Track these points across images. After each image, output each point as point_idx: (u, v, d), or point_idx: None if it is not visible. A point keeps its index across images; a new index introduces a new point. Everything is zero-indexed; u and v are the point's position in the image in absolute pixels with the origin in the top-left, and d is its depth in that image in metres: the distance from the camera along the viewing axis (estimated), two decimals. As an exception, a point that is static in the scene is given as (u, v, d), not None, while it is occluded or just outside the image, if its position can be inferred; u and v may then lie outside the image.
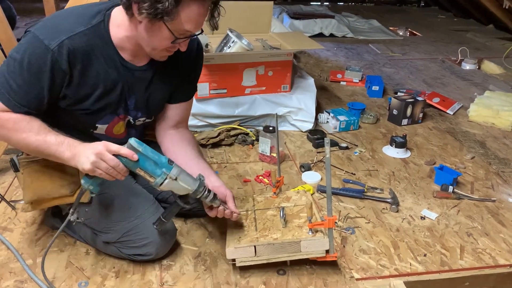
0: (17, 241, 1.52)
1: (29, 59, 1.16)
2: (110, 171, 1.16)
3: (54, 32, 1.17)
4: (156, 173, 1.18)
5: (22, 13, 4.81)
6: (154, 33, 1.18)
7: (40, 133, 1.19)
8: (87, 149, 1.15)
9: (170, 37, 1.19)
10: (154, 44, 1.22)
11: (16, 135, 1.19)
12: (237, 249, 1.36)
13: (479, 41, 4.79)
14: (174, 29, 1.17)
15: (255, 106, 2.40)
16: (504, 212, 1.81)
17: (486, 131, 2.61)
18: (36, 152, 1.23)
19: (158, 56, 1.29)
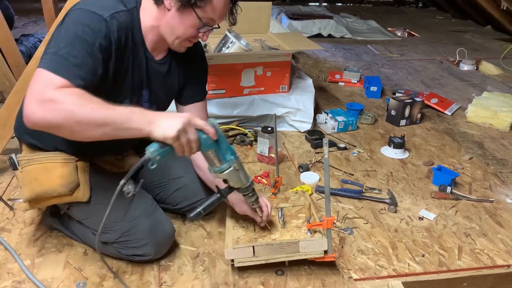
0: (15, 241, 1.51)
1: (84, 29, 1.14)
2: (188, 145, 1.13)
3: (102, 7, 1.19)
4: (226, 158, 1.20)
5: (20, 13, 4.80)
6: (181, 20, 1.24)
7: (106, 105, 1.09)
8: (172, 117, 1.12)
9: (197, 24, 1.25)
10: (179, 32, 1.27)
11: (81, 109, 1.06)
12: (236, 250, 1.36)
13: (477, 42, 4.80)
14: (202, 16, 1.24)
15: (254, 107, 2.40)
16: (502, 213, 1.81)
17: (484, 131, 2.62)
18: (103, 127, 1.08)
19: (179, 47, 1.33)
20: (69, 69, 1.11)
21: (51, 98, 1.05)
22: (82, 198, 1.36)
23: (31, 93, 1.07)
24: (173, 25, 1.26)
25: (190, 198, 1.59)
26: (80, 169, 1.38)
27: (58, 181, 1.34)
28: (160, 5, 1.25)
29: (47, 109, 1.05)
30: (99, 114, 1.07)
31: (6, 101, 1.87)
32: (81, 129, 1.08)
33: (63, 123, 1.05)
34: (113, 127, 1.09)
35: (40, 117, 1.05)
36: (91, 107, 1.07)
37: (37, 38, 3.27)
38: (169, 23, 1.26)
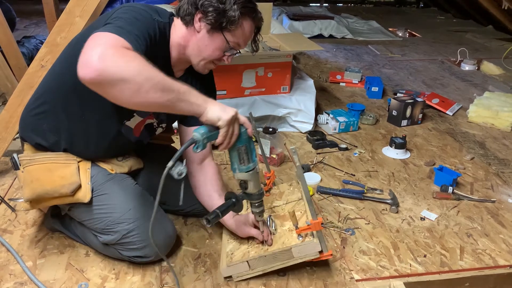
0: (17, 243, 1.52)
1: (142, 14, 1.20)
2: (231, 134, 1.18)
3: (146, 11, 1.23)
4: (253, 158, 1.25)
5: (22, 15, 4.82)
6: (210, 42, 1.30)
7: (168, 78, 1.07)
8: (223, 107, 1.16)
9: (224, 47, 1.31)
10: (206, 54, 1.32)
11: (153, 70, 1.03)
12: (230, 267, 1.36)
13: (478, 42, 4.79)
14: (230, 40, 1.30)
15: (255, 107, 2.40)
16: (504, 213, 1.81)
17: (486, 131, 2.61)
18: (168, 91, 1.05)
19: (203, 68, 1.37)
20: (132, 38, 1.10)
21: (120, 51, 1.00)
22: (84, 199, 1.36)
23: (95, 44, 1.00)
24: (201, 46, 1.31)
25: (191, 200, 1.59)
26: (82, 169, 1.38)
27: (59, 181, 1.34)
28: (190, 26, 1.30)
29: (116, 59, 0.97)
30: (167, 79, 1.06)
31: (8, 103, 1.87)
32: (148, 88, 1.01)
33: (132, 77, 0.98)
34: (176, 96, 1.07)
35: (108, 66, 0.96)
36: (158, 71, 1.04)
37: (39, 40, 3.28)
38: (197, 44, 1.30)
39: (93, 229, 1.42)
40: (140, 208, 1.41)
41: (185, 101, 1.09)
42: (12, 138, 1.90)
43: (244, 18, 1.29)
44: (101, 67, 0.95)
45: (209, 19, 1.26)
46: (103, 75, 0.96)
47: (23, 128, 1.41)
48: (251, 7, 1.31)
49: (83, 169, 1.39)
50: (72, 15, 1.81)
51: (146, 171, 1.60)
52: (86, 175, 1.38)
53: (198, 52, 1.32)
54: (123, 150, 1.52)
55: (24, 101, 1.83)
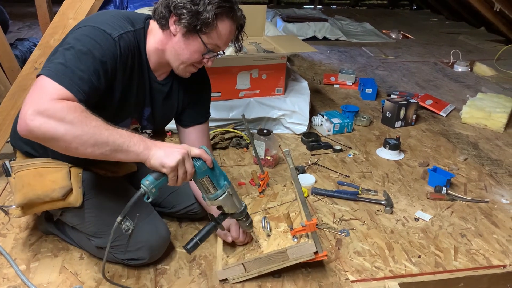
0: (11, 246, 1.51)
1: (94, 45, 1.13)
2: (183, 175, 1.13)
3: (111, 26, 1.19)
4: (220, 184, 1.20)
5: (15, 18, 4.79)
6: (187, 45, 1.25)
7: (106, 124, 1.08)
8: (171, 147, 1.12)
9: (202, 50, 1.26)
10: (184, 58, 1.27)
11: (83, 125, 1.03)
12: (226, 270, 1.36)
13: (471, 44, 4.83)
14: (207, 42, 1.24)
15: (249, 109, 2.40)
16: (497, 213, 1.82)
17: (479, 132, 2.63)
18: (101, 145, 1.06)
19: (183, 72, 1.33)
20: (74, 82, 1.08)
21: (52, 109, 1.01)
22: (75, 203, 1.35)
23: (31, 100, 1.03)
24: (178, 50, 1.26)
25: (185, 201, 1.59)
26: (73, 174, 1.37)
27: (50, 185, 1.33)
28: (165, 29, 1.26)
29: (46, 119, 1.00)
30: (100, 132, 1.05)
31: (1, 106, 1.86)
32: (78, 145, 1.04)
33: (61, 137, 1.02)
34: (111, 148, 1.07)
35: (37, 126, 1.00)
36: (93, 124, 1.05)
37: (32, 43, 3.26)
38: (174, 48, 1.26)
39: (86, 233, 1.41)
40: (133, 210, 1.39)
41: (123, 151, 1.08)
42: (5, 141, 1.89)
43: (220, 18, 1.22)
44: (30, 129, 1.00)
45: (183, 22, 1.20)
46: (34, 134, 1.02)
47: (13, 136, 1.41)
48: (228, 6, 1.22)
49: (75, 173, 1.38)
50: (65, 17, 1.80)
51: (139, 173, 1.60)
52: (77, 179, 1.37)
53: (176, 56, 1.28)
54: None
55: (17, 104, 1.82)
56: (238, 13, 1.27)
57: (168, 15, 1.22)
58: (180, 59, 1.28)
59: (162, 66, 1.34)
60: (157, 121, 1.46)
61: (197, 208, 1.61)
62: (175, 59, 1.29)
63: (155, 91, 1.37)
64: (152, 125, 1.45)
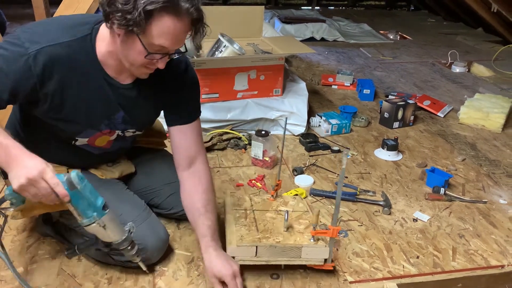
0: (8, 248, 1.50)
1: (4, 56, 1.10)
2: (38, 198, 1.04)
3: (38, 37, 1.13)
4: (87, 214, 1.11)
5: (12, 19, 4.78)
6: (128, 46, 1.14)
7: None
8: (21, 168, 1.01)
9: (143, 52, 1.13)
10: (130, 59, 1.17)
11: None
12: (239, 248, 1.35)
13: (468, 44, 4.84)
14: (146, 43, 1.12)
15: (247, 110, 2.40)
16: (495, 213, 1.82)
17: (477, 133, 2.63)
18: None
19: (137, 73, 1.24)
20: None
21: None
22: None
23: None
24: (124, 51, 1.16)
25: (184, 203, 1.59)
26: None
27: None
28: (111, 30, 1.15)
29: None
30: None
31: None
32: None
33: None
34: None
35: None
36: None
37: (29, 44, 3.25)
38: (120, 49, 1.17)
39: (84, 235, 1.41)
40: (131, 212, 1.39)
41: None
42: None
43: (156, 16, 1.07)
44: None
45: (115, 22, 1.09)
46: None
47: None
48: (164, 1, 1.05)
49: None
50: (63, 18, 1.80)
51: (138, 176, 1.60)
52: None
53: (124, 58, 1.18)
54: (112, 157, 1.51)
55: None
56: (185, 6, 1.08)
57: (107, 13, 1.10)
58: (127, 60, 1.18)
59: (123, 68, 1.24)
60: (136, 123, 1.40)
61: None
62: (124, 60, 1.19)
63: (122, 96, 1.29)
64: (131, 126, 1.39)
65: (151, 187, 1.58)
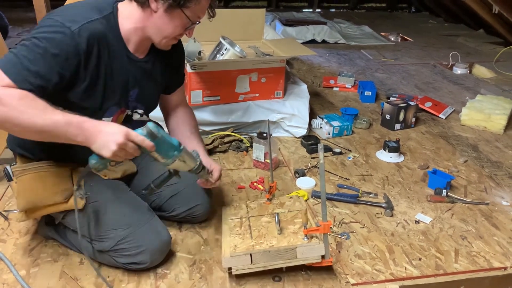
0: (10, 251, 1.50)
1: (48, 39, 1.15)
2: (127, 156, 1.16)
3: (73, 17, 1.21)
4: (169, 155, 1.25)
5: (14, 23, 4.80)
6: (169, 20, 1.29)
7: (46, 111, 1.10)
8: (105, 136, 1.11)
9: (185, 24, 1.31)
10: (167, 32, 1.32)
11: (20, 114, 1.07)
12: (233, 258, 1.35)
13: (469, 46, 4.83)
14: (190, 16, 1.30)
15: (249, 113, 2.40)
16: (498, 215, 1.82)
17: (478, 134, 2.63)
18: (41, 134, 1.12)
19: (165, 45, 1.37)
20: (20, 72, 1.11)
21: (7, 87, 1.07)
22: (77, 205, 1.35)
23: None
24: (161, 26, 1.30)
25: (186, 204, 1.59)
26: (75, 177, 1.38)
27: (52, 189, 1.33)
28: (145, 7, 1.28)
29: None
30: (36, 121, 1.08)
31: None
32: (19, 131, 1.12)
33: (2, 122, 1.08)
34: (50, 135, 1.12)
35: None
36: (31, 113, 1.08)
37: (31, 48, 3.26)
38: (156, 24, 1.30)
39: (87, 236, 1.41)
40: (134, 214, 1.40)
41: (63, 138, 1.13)
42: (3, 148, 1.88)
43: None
44: None
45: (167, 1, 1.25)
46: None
47: (10, 141, 1.42)
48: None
49: (77, 176, 1.38)
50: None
51: (140, 176, 1.60)
52: None
53: (158, 31, 1.32)
54: None
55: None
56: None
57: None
58: (163, 34, 1.32)
59: (143, 44, 1.38)
60: (149, 99, 1.49)
61: (198, 211, 1.61)
62: (158, 34, 1.33)
63: (139, 71, 1.40)
64: (141, 104, 1.47)
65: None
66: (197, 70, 2.25)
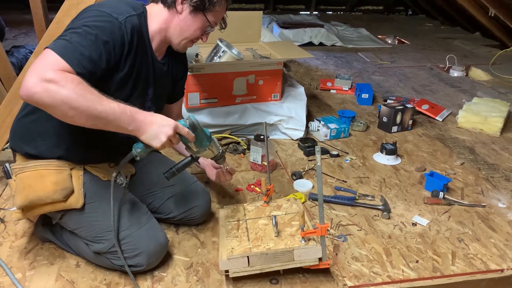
0: (6, 254, 1.50)
1: (98, 27, 1.20)
2: (170, 145, 1.24)
3: (117, 10, 1.26)
4: (203, 145, 1.35)
5: (11, 25, 4.79)
6: (192, 22, 1.38)
7: (103, 98, 1.14)
8: (156, 128, 1.19)
9: (205, 27, 1.41)
10: (187, 34, 1.41)
11: (80, 98, 1.09)
12: (230, 260, 1.35)
13: (466, 49, 4.85)
14: (210, 19, 1.40)
15: (246, 115, 2.40)
16: (494, 217, 1.82)
17: (475, 137, 2.64)
18: (96, 120, 1.14)
19: (183, 47, 1.46)
20: (75, 56, 1.14)
21: (52, 79, 1.07)
22: (76, 204, 1.35)
23: (35, 69, 1.09)
24: (183, 27, 1.39)
25: (183, 207, 1.59)
26: (74, 176, 1.38)
27: (51, 187, 1.33)
28: (171, 8, 1.37)
29: (46, 88, 1.07)
30: (95, 106, 1.11)
31: (-3, 113, 1.85)
32: (73, 115, 1.12)
33: (58, 106, 1.09)
34: (104, 122, 1.15)
35: (37, 93, 1.07)
36: (89, 98, 1.11)
37: (28, 50, 3.26)
38: (179, 25, 1.38)
39: (84, 238, 1.41)
40: (132, 216, 1.40)
41: (115, 126, 1.17)
42: (1, 148, 1.88)
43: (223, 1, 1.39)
44: (31, 93, 1.07)
45: (194, 1, 1.34)
46: (33, 99, 1.09)
47: (13, 137, 1.41)
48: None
49: (76, 175, 1.38)
50: (61, 24, 1.80)
51: (138, 177, 1.60)
52: (78, 181, 1.38)
53: (179, 33, 1.40)
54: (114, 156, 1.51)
55: (13, 111, 1.82)
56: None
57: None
58: (183, 35, 1.41)
59: (163, 46, 1.44)
60: (158, 101, 1.52)
61: (195, 213, 1.61)
62: (179, 35, 1.40)
63: (158, 71, 1.45)
64: (154, 106, 1.50)
65: (149, 190, 1.59)
66: (195, 72, 2.25)
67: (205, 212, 1.64)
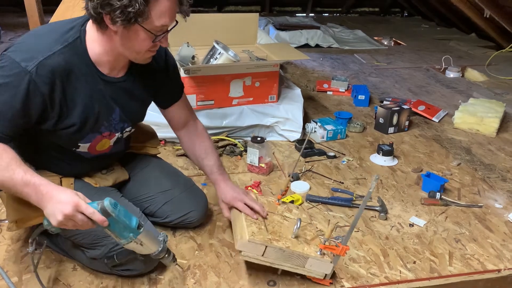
0: (2, 258, 1.49)
1: (5, 82, 1.12)
2: (77, 227, 1.11)
3: (31, 53, 1.15)
4: (124, 236, 1.16)
5: (7, 28, 4.78)
6: (131, 38, 1.19)
7: (8, 168, 1.10)
8: (55, 204, 1.08)
9: (149, 37, 1.20)
10: (136, 48, 1.23)
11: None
12: (250, 243, 1.32)
13: (462, 50, 4.87)
14: (151, 28, 1.18)
15: (243, 117, 2.40)
16: (491, 218, 1.83)
17: (471, 137, 2.64)
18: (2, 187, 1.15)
19: (142, 59, 1.29)
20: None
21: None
22: None
23: None
24: (127, 44, 1.21)
25: (179, 211, 1.58)
26: (65, 184, 1.36)
27: None
28: (106, 30, 1.20)
29: None
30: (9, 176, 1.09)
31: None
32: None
33: None
34: (6, 190, 1.15)
35: None
36: None
37: (24, 53, 3.24)
38: (123, 43, 1.21)
39: (80, 245, 1.40)
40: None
41: (19, 195, 1.13)
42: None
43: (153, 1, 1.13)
44: None
45: (116, 20, 1.13)
46: None
47: None
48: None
49: (66, 184, 1.37)
50: (57, 27, 1.80)
51: (131, 183, 1.59)
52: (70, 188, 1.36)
53: (127, 49, 1.23)
54: (106, 165, 1.51)
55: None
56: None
57: (101, 16, 1.15)
58: (133, 51, 1.24)
59: (118, 63, 1.30)
60: (131, 117, 1.44)
61: (191, 218, 1.60)
62: (130, 52, 1.24)
63: (117, 91, 1.34)
64: (129, 121, 1.43)
65: (146, 195, 1.58)
66: (191, 74, 2.25)
67: (202, 216, 1.64)
